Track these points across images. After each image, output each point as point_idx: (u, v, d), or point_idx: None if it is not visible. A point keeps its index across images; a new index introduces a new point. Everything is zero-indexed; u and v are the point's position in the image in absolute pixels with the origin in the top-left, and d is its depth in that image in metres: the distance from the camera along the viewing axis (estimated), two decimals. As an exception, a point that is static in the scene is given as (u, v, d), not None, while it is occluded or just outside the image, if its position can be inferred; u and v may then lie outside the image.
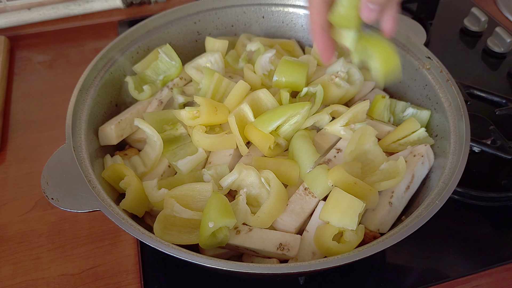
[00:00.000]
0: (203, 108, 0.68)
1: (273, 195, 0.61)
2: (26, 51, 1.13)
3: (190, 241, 0.59)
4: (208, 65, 0.80)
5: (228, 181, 0.65)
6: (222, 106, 0.71)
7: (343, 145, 0.70)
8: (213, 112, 0.69)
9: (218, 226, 0.56)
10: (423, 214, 0.55)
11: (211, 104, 0.69)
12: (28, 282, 0.69)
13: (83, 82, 0.71)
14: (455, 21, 1.21)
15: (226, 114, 0.71)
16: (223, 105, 0.72)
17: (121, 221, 0.54)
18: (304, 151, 0.65)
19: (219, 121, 0.71)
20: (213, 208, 0.57)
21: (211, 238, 0.58)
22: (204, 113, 0.68)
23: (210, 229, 0.56)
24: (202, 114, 0.68)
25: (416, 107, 0.78)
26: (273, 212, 0.61)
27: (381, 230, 0.64)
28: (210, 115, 0.68)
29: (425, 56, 0.77)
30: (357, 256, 0.51)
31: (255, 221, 0.61)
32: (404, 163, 0.64)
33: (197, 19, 0.89)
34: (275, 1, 0.91)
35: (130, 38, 0.81)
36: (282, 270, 0.50)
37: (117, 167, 0.67)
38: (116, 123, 0.72)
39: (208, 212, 0.57)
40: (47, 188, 0.59)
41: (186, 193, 0.64)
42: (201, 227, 0.58)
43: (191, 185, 0.64)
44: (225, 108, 0.71)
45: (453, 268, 0.70)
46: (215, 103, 0.70)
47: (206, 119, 0.69)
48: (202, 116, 0.68)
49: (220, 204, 0.58)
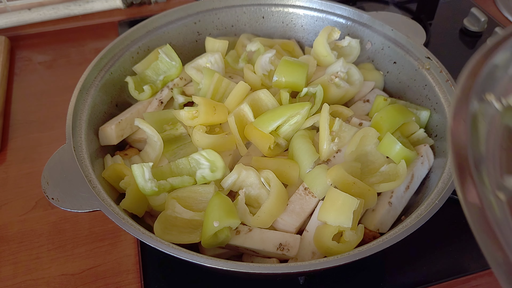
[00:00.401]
0: (201, 107, 0.68)
1: (273, 195, 0.61)
2: (27, 51, 1.13)
3: (190, 240, 0.59)
4: (208, 65, 0.80)
5: (228, 182, 0.65)
6: (220, 106, 0.71)
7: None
8: (212, 112, 0.69)
9: (223, 225, 0.56)
10: (423, 214, 0.55)
11: (209, 103, 0.69)
12: (29, 282, 0.69)
13: (84, 82, 0.71)
14: (455, 21, 1.21)
15: (225, 114, 0.71)
16: (222, 104, 0.72)
17: (121, 221, 0.54)
18: (304, 151, 0.65)
19: (218, 120, 0.71)
20: (217, 207, 0.58)
21: (213, 238, 0.58)
22: (202, 113, 0.68)
23: (214, 228, 0.56)
24: (200, 113, 0.68)
25: (416, 106, 0.78)
26: (273, 211, 0.61)
27: (381, 230, 0.64)
28: (208, 115, 0.68)
29: (424, 56, 0.77)
30: (357, 256, 0.52)
31: (255, 220, 0.61)
32: (405, 166, 0.64)
33: (197, 19, 0.89)
34: (275, 1, 0.91)
35: (130, 38, 0.82)
36: (282, 270, 0.51)
37: (117, 167, 0.67)
38: (116, 123, 0.72)
39: (212, 211, 0.57)
40: (48, 188, 0.59)
41: (188, 195, 0.64)
42: (204, 226, 0.58)
43: (194, 187, 0.64)
44: (224, 107, 0.71)
45: (453, 268, 0.70)
46: (213, 103, 0.70)
47: (205, 119, 0.69)
48: (201, 115, 0.68)
49: (225, 204, 0.58)
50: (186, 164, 0.67)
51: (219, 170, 0.64)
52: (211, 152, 0.65)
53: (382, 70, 0.86)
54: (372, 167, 0.68)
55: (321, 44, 0.81)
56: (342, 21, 0.88)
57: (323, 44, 0.81)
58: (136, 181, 0.63)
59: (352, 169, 0.64)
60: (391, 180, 0.65)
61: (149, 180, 0.62)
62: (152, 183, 0.62)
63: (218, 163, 0.65)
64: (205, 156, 0.65)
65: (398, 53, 0.81)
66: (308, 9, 0.90)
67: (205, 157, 0.65)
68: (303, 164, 0.65)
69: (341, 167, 0.62)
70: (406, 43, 0.80)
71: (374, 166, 0.68)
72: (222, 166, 0.64)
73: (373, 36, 0.85)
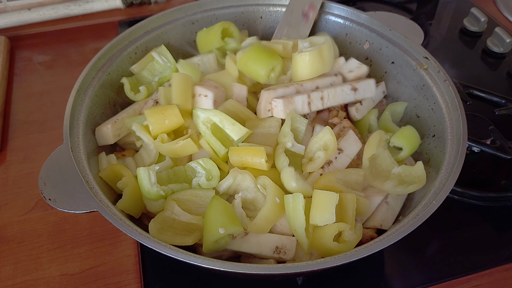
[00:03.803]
0: (150, 120, 0.67)
1: (269, 201, 0.61)
2: (26, 51, 1.13)
3: (184, 243, 0.58)
4: (199, 63, 0.79)
5: (223, 186, 0.65)
6: (171, 111, 0.68)
7: (344, 146, 0.70)
8: (162, 122, 0.67)
9: (228, 232, 0.56)
10: (420, 214, 0.55)
11: (157, 113, 0.67)
12: (28, 282, 0.70)
13: (81, 82, 0.71)
14: (454, 21, 1.21)
15: (178, 117, 0.68)
16: (172, 107, 0.68)
17: (119, 222, 0.55)
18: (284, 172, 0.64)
19: (174, 126, 0.69)
20: (221, 213, 0.57)
21: (214, 244, 0.58)
22: (152, 125, 0.67)
23: (219, 234, 0.56)
24: (151, 126, 0.68)
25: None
26: (270, 218, 0.61)
27: (384, 226, 0.65)
28: (159, 125, 0.67)
29: (422, 56, 0.77)
30: (354, 256, 0.52)
31: (253, 227, 0.60)
32: (423, 167, 0.65)
33: (195, 20, 0.89)
34: (273, 1, 0.91)
35: (128, 39, 0.82)
36: (280, 271, 0.51)
37: (115, 167, 0.67)
38: (112, 123, 0.72)
39: (215, 217, 0.57)
40: (45, 189, 0.59)
41: (189, 198, 0.64)
42: (207, 231, 0.58)
43: (195, 191, 0.64)
44: (174, 110, 0.68)
45: (453, 268, 0.70)
46: (162, 111, 0.68)
47: (158, 130, 0.68)
48: (152, 128, 0.68)
49: (228, 210, 0.58)
50: (182, 172, 0.67)
51: (215, 179, 0.64)
52: (208, 161, 0.65)
53: (380, 70, 0.86)
54: (380, 170, 0.68)
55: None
56: (340, 21, 0.88)
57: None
58: (141, 184, 0.62)
59: (350, 177, 0.65)
60: (409, 182, 0.65)
61: (155, 185, 0.62)
62: (158, 187, 0.62)
63: (214, 171, 0.64)
64: (202, 164, 0.65)
65: (396, 53, 0.81)
66: (306, 9, 0.90)
67: (202, 165, 0.65)
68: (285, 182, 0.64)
69: (331, 176, 0.63)
70: (404, 43, 0.80)
71: (382, 168, 0.69)
72: (218, 175, 0.64)
73: (371, 36, 0.85)
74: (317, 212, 0.59)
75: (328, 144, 0.67)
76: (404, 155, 0.71)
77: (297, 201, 0.58)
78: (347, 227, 0.58)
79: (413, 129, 0.72)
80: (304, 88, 0.74)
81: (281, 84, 0.75)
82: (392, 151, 0.71)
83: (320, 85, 0.75)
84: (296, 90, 0.73)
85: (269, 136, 0.69)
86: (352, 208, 0.60)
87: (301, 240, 0.59)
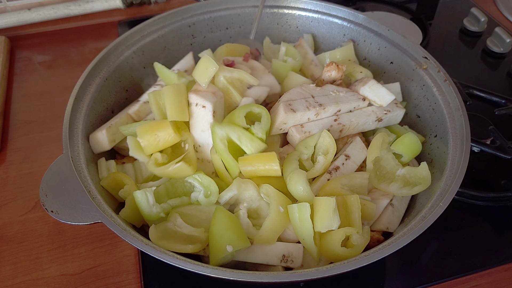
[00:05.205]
0: (142, 141, 0.64)
1: (273, 211, 0.60)
2: (26, 51, 1.13)
3: (184, 250, 0.58)
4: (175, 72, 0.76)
5: (225, 197, 0.64)
6: (164, 131, 0.64)
7: (352, 152, 0.70)
8: (156, 142, 0.64)
9: (236, 249, 0.56)
10: (428, 217, 0.55)
11: (149, 134, 0.64)
12: (28, 282, 0.70)
13: (78, 90, 0.70)
14: (454, 21, 1.21)
15: (171, 136, 0.65)
16: (166, 125, 0.64)
17: (124, 233, 0.54)
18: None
19: (168, 145, 0.66)
20: (227, 229, 0.57)
21: (222, 259, 0.57)
22: (145, 145, 0.65)
23: (227, 252, 0.55)
24: (143, 145, 0.65)
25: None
26: (276, 228, 0.60)
27: (390, 228, 0.65)
28: (153, 146, 0.65)
29: (421, 56, 0.77)
30: (364, 261, 0.51)
31: (259, 239, 0.60)
32: (427, 168, 0.65)
33: (191, 22, 0.88)
34: (269, 2, 0.91)
35: (125, 44, 0.81)
36: (288, 279, 0.50)
37: (116, 175, 0.66)
38: (107, 128, 0.71)
39: (222, 233, 0.57)
40: (46, 201, 0.58)
41: (193, 213, 0.63)
42: (214, 248, 0.57)
43: (200, 207, 0.63)
44: (168, 130, 0.64)
45: (453, 268, 0.70)
46: (154, 130, 0.64)
47: (151, 150, 0.65)
48: (145, 149, 0.65)
49: (235, 226, 0.58)
50: (181, 183, 0.66)
51: (214, 195, 0.63)
52: (204, 177, 0.64)
53: (379, 70, 0.86)
54: (385, 172, 0.68)
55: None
56: (338, 21, 0.88)
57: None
58: (140, 208, 0.61)
59: (355, 181, 0.65)
60: (414, 184, 0.65)
61: (154, 206, 0.62)
62: (157, 208, 0.62)
63: (212, 187, 0.63)
64: (199, 180, 0.64)
65: (395, 53, 0.81)
66: (303, 10, 0.90)
67: (199, 181, 0.64)
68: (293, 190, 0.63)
69: (336, 183, 0.63)
70: (402, 43, 0.80)
71: (386, 170, 0.69)
72: (217, 190, 0.63)
73: (369, 36, 0.85)
74: (318, 219, 0.58)
75: (328, 147, 0.67)
76: (405, 160, 0.71)
77: (303, 211, 0.58)
78: (354, 231, 0.58)
79: (414, 136, 0.70)
80: (326, 112, 0.70)
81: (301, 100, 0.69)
82: (394, 155, 0.71)
83: (343, 109, 0.71)
84: (316, 113, 0.69)
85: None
86: (357, 210, 0.60)
87: (310, 248, 0.59)
